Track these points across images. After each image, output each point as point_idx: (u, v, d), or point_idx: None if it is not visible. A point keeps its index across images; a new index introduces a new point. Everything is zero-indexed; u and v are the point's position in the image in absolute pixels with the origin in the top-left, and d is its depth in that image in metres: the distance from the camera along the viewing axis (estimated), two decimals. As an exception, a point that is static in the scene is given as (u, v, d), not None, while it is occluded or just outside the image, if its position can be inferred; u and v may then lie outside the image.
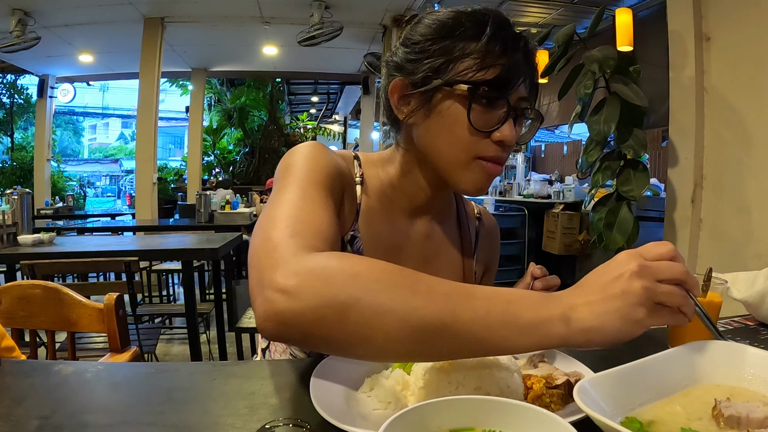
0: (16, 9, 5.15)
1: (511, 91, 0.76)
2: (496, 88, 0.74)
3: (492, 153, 0.77)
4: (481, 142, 0.76)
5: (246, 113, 11.11)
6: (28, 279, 2.11)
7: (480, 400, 0.47)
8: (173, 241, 3.25)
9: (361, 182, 0.85)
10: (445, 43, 0.75)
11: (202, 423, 0.55)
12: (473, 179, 0.78)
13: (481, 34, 0.74)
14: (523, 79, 0.76)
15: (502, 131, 0.75)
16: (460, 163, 0.78)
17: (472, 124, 0.74)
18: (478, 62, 0.74)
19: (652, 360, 0.58)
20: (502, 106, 0.75)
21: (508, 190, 6.63)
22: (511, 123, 0.76)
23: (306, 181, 0.70)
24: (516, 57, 0.75)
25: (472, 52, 0.74)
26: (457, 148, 0.77)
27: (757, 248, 2.57)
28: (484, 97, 0.74)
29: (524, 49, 0.77)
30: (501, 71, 0.74)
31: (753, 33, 2.59)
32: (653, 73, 3.89)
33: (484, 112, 0.75)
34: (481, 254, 0.98)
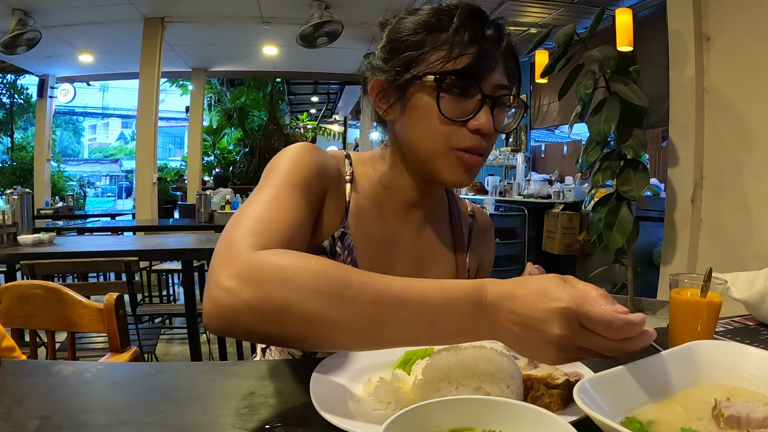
0: (16, 9, 5.15)
1: (484, 79, 0.76)
2: (467, 77, 0.75)
3: (468, 143, 0.77)
4: (457, 132, 0.77)
5: (246, 113, 11.11)
6: (28, 279, 2.11)
7: (480, 400, 0.47)
8: (173, 241, 3.25)
9: (350, 180, 0.87)
10: (417, 38, 0.77)
11: (202, 423, 0.55)
12: (452, 171, 0.79)
13: (450, 26, 0.76)
14: (495, 65, 0.76)
15: (478, 119, 0.76)
16: (438, 154, 0.79)
17: (443, 113, 0.75)
18: (447, 53, 0.75)
19: (652, 360, 0.58)
20: (475, 95, 0.76)
21: (508, 190, 6.62)
22: (488, 111, 0.76)
23: (282, 183, 0.72)
24: (487, 45, 0.75)
25: (441, 44, 0.76)
26: (433, 139, 0.78)
27: (757, 248, 2.57)
28: (454, 86, 0.75)
29: (497, 37, 0.77)
30: (471, 60, 0.75)
31: (753, 33, 2.59)
32: (653, 73, 3.89)
33: (457, 102, 0.76)
34: (474, 252, 0.98)
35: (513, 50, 0.81)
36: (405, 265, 0.89)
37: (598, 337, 0.50)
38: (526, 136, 7.51)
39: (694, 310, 0.77)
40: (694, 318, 0.77)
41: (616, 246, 2.81)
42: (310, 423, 0.54)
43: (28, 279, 2.11)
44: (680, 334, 0.78)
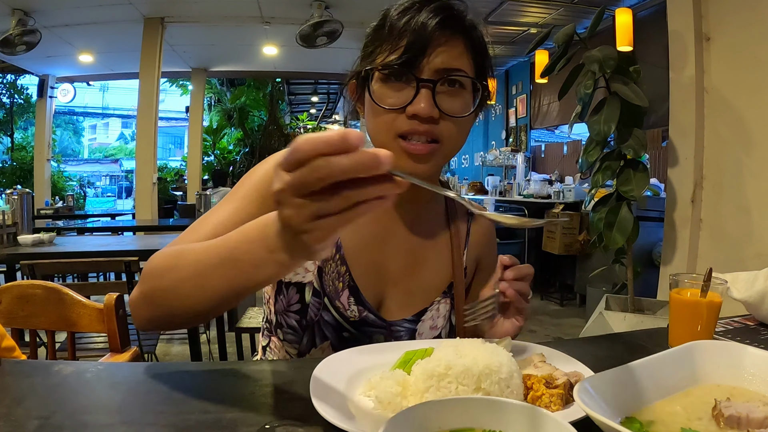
0: (16, 9, 5.15)
1: (417, 65, 0.77)
2: (398, 66, 0.77)
3: (406, 128, 0.77)
4: (397, 119, 0.78)
5: (246, 113, 11.11)
6: (28, 279, 2.11)
7: (480, 400, 0.47)
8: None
9: None
10: (370, 38, 0.82)
11: (202, 423, 0.55)
12: (398, 160, 0.79)
13: (393, 19, 0.79)
14: (434, 50, 0.76)
15: (414, 104, 0.76)
16: (385, 143, 0.80)
17: (378, 103, 0.78)
18: (384, 47, 0.79)
19: (652, 360, 0.58)
20: (411, 81, 0.77)
21: (508, 190, 6.63)
22: (426, 95, 0.76)
23: (244, 190, 0.79)
24: (419, 31, 0.76)
25: (381, 41, 0.80)
26: (378, 130, 0.80)
27: (757, 248, 2.57)
28: (390, 75, 0.78)
29: (434, 18, 0.77)
30: (404, 48, 0.77)
31: (753, 33, 2.59)
32: (653, 73, 3.88)
33: (396, 90, 0.78)
34: (472, 250, 0.98)
35: (468, 30, 0.81)
36: (398, 261, 0.89)
37: (321, 161, 0.42)
38: (526, 136, 7.51)
39: (694, 310, 0.77)
40: (694, 318, 0.77)
41: (616, 246, 2.81)
42: (310, 423, 0.54)
43: (28, 279, 2.11)
44: (680, 334, 0.78)
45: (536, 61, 6.19)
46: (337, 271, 0.85)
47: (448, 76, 0.78)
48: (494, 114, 8.44)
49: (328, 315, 0.85)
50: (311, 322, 0.85)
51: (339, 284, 0.85)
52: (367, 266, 0.87)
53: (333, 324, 0.85)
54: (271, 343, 0.90)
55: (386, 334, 0.86)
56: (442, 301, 0.91)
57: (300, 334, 0.85)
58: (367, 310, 0.85)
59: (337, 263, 0.85)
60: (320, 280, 0.85)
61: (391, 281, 0.88)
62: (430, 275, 0.91)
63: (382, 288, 0.88)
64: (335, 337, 0.85)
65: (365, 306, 0.85)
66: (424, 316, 0.89)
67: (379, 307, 0.88)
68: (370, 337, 0.86)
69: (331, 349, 0.85)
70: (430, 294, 0.90)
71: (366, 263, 0.87)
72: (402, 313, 0.88)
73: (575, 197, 5.01)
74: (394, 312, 0.88)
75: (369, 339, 0.86)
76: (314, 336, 0.85)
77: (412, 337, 0.88)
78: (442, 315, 0.91)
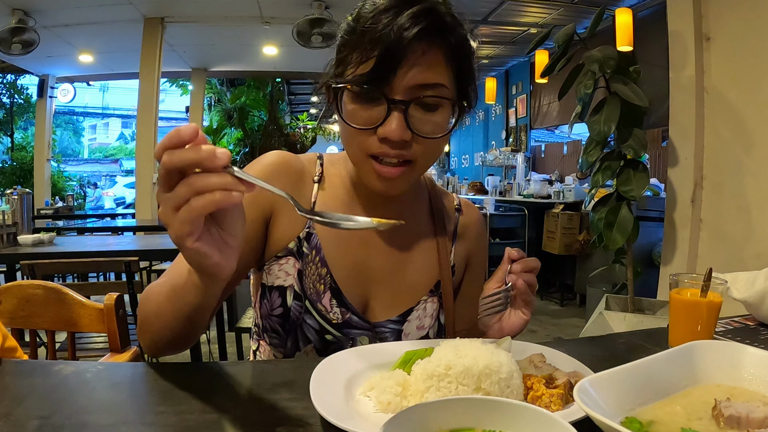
0: (16, 9, 5.15)
1: (388, 82, 0.70)
2: (368, 83, 0.70)
3: (376, 150, 0.74)
4: (368, 140, 0.74)
5: (246, 113, 11.10)
6: (28, 279, 2.11)
7: (480, 400, 0.47)
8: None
9: (318, 180, 0.87)
10: (340, 43, 0.76)
11: (202, 423, 0.55)
12: (370, 179, 0.78)
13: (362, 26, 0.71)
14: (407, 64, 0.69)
15: (385, 126, 0.71)
16: (357, 161, 0.78)
17: (348, 122, 0.73)
18: (355, 58, 0.71)
19: (652, 360, 0.58)
20: (382, 101, 0.71)
21: (508, 190, 6.63)
22: (398, 117, 0.70)
23: None
24: (393, 44, 0.68)
25: (351, 48, 0.72)
26: (350, 145, 0.77)
27: (757, 248, 2.57)
28: (360, 94, 0.72)
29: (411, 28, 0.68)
30: (375, 63, 0.69)
31: (753, 33, 2.59)
32: (653, 73, 3.88)
33: (366, 109, 0.72)
34: (460, 247, 0.95)
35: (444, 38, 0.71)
36: (382, 260, 0.87)
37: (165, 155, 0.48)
38: (526, 136, 7.51)
39: (694, 310, 0.77)
40: (694, 318, 0.77)
41: (616, 246, 2.81)
42: (310, 423, 0.54)
43: (28, 279, 2.11)
44: (680, 334, 0.78)
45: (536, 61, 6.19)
46: (318, 274, 0.84)
47: (423, 97, 0.71)
48: (494, 114, 8.44)
49: (311, 318, 0.83)
50: (294, 326, 0.83)
51: (320, 286, 0.83)
52: (349, 267, 0.85)
53: (315, 327, 0.83)
54: (261, 347, 0.90)
55: (371, 335, 0.85)
56: (429, 300, 0.89)
57: (284, 337, 0.85)
58: (351, 312, 0.84)
59: (318, 265, 0.84)
60: (301, 283, 0.83)
61: (376, 281, 0.87)
62: (415, 274, 0.89)
63: (367, 289, 0.86)
64: (318, 340, 0.84)
65: (348, 308, 0.84)
66: (410, 316, 0.87)
67: (365, 308, 0.86)
68: (354, 339, 0.84)
69: (315, 352, 0.84)
70: (417, 293, 0.89)
71: (348, 264, 0.85)
72: (387, 313, 0.86)
73: (575, 197, 5.01)
74: (379, 312, 0.86)
75: (353, 341, 0.84)
76: (298, 339, 0.84)
77: (398, 338, 0.86)
78: (430, 314, 0.89)
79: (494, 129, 8.47)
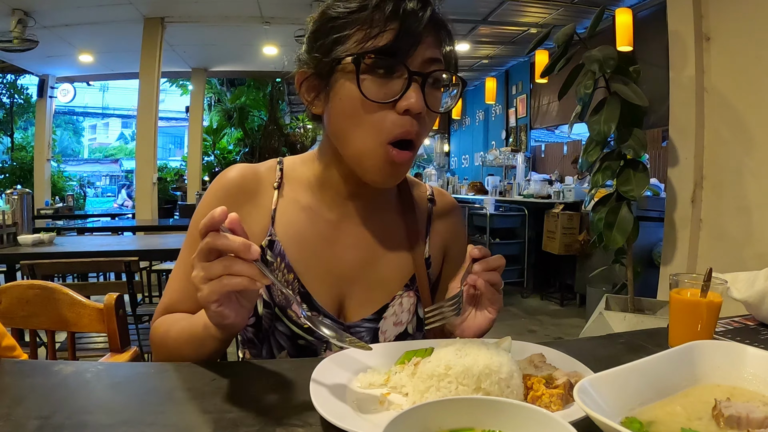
0: (16, 9, 5.15)
1: (409, 55, 0.71)
2: (390, 54, 0.70)
3: (399, 128, 0.72)
4: (386, 119, 0.72)
5: (246, 113, 11.11)
6: (28, 279, 2.11)
7: (480, 400, 0.47)
8: (173, 241, 3.25)
9: (278, 186, 0.87)
10: (339, 22, 0.73)
11: (202, 423, 0.55)
12: (378, 171, 0.76)
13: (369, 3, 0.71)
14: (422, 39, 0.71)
15: (407, 98, 0.70)
16: (367, 151, 0.75)
17: (366, 96, 0.71)
18: (367, 31, 0.70)
19: (652, 360, 0.58)
20: (401, 73, 0.71)
21: (508, 190, 6.63)
22: (417, 89, 0.71)
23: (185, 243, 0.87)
24: (411, 19, 0.70)
25: (362, 23, 0.71)
26: (361, 131, 0.74)
27: (757, 248, 2.57)
28: (377, 66, 0.71)
29: (422, 8, 0.72)
30: (393, 35, 0.70)
31: (753, 33, 2.58)
32: (653, 73, 3.88)
33: (383, 83, 0.71)
34: (435, 237, 0.93)
35: (443, 24, 0.76)
36: (353, 258, 0.86)
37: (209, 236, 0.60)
38: (526, 136, 7.51)
39: (694, 310, 0.77)
40: (694, 318, 0.77)
41: (616, 246, 2.81)
42: (310, 423, 0.54)
43: (28, 279, 2.11)
44: (680, 334, 0.78)
45: (536, 61, 6.20)
46: (285, 280, 0.83)
47: (435, 71, 0.73)
48: (494, 114, 8.44)
49: (282, 325, 0.83)
50: (267, 334, 0.83)
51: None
52: (318, 270, 0.84)
53: (287, 333, 0.83)
54: (244, 357, 0.89)
55: None
56: (405, 294, 0.87)
57: (259, 346, 0.84)
58: (322, 315, 0.83)
59: (284, 272, 0.83)
60: (269, 291, 0.83)
61: (347, 280, 0.85)
62: (388, 269, 0.87)
63: (339, 289, 0.85)
64: (291, 346, 0.83)
65: (319, 311, 0.83)
66: (385, 312, 0.86)
67: (339, 309, 0.85)
68: (328, 342, 0.83)
69: (289, 358, 0.83)
70: (391, 289, 0.86)
71: (316, 267, 0.84)
72: (362, 312, 0.85)
73: (575, 197, 5.01)
74: (355, 312, 0.85)
75: (327, 344, 0.83)
76: (272, 347, 0.84)
77: (375, 336, 0.85)
78: (406, 309, 0.87)
79: (494, 129, 8.47)
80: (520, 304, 5.14)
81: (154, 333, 0.83)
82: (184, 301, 0.83)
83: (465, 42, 6.42)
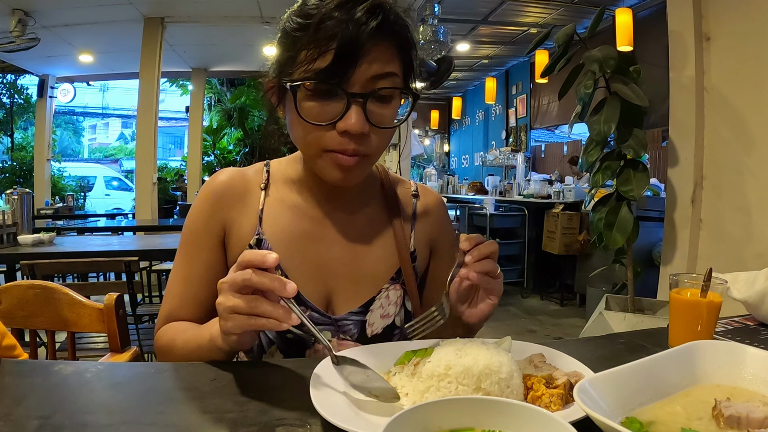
0: (16, 9, 5.15)
1: (348, 77, 0.71)
2: (328, 77, 0.71)
3: (336, 145, 0.75)
4: (325, 135, 0.74)
5: (246, 113, 11.10)
6: (28, 279, 2.11)
7: (480, 400, 0.47)
8: (173, 241, 3.25)
9: (265, 187, 0.89)
10: (287, 39, 0.76)
11: (202, 423, 0.55)
12: (328, 171, 0.78)
13: (314, 21, 0.71)
14: (365, 56, 0.70)
15: (345, 120, 0.72)
16: (313, 156, 0.78)
17: (306, 119, 0.73)
18: (309, 53, 0.71)
19: (652, 360, 0.58)
20: (340, 95, 0.72)
21: (508, 190, 6.63)
22: (357, 110, 0.72)
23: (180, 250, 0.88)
24: (351, 36, 0.69)
25: (305, 44, 0.72)
26: (305, 143, 0.78)
27: (757, 248, 2.57)
28: (316, 90, 0.72)
29: (369, 21, 0.70)
30: (332, 58, 0.70)
31: (753, 33, 2.58)
32: (653, 73, 3.88)
33: (324, 104, 0.73)
34: (420, 232, 0.95)
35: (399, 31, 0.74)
36: (338, 254, 0.88)
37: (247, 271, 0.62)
38: (526, 136, 7.51)
39: (694, 310, 0.77)
40: (694, 318, 0.77)
41: (616, 246, 2.81)
42: (310, 423, 0.54)
43: (28, 279, 2.11)
44: (680, 334, 0.78)
45: (536, 61, 6.20)
46: None
47: (379, 90, 0.73)
48: (494, 114, 8.44)
49: None
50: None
51: None
52: (305, 267, 0.86)
53: None
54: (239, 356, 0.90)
55: (333, 329, 0.85)
56: (392, 288, 0.89)
57: None
58: (310, 309, 0.84)
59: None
60: None
61: (335, 275, 0.87)
62: (374, 263, 0.89)
63: (326, 284, 0.87)
64: (280, 340, 0.84)
65: (307, 305, 0.84)
66: (372, 305, 0.87)
67: (327, 303, 0.87)
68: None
69: (279, 352, 0.85)
70: (377, 282, 0.88)
71: (303, 264, 0.86)
72: (349, 305, 0.87)
73: (575, 197, 5.01)
74: (342, 305, 0.87)
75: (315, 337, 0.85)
76: (261, 342, 0.85)
77: (362, 329, 0.86)
78: (393, 302, 0.89)
79: (494, 129, 8.47)
80: (520, 304, 5.14)
81: (158, 342, 0.85)
82: (185, 306, 0.86)
83: (465, 42, 6.42)
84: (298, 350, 0.85)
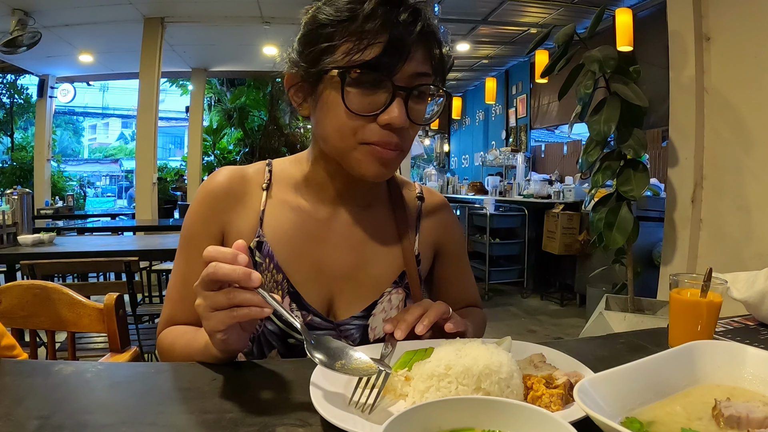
0: (16, 9, 5.15)
1: (396, 70, 0.72)
2: (376, 68, 0.71)
3: (377, 138, 0.74)
4: (366, 127, 0.74)
5: (246, 113, 11.09)
6: (28, 279, 2.11)
7: (480, 400, 0.47)
8: (173, 241, 3.25)
9: (267, 187, 0.88)
10: (328, 30, 0.73)
11: (202, 423, 0.55)
12: (366, 164, 0.77)
13: (360, 14, 0.71)
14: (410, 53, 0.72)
15: (389, 113, 0.72)
16: (346, 149, 0.77)
17: (350, 109, 0.73)
18: (355, 44, 0.71)
19: (652, 360, 0.58)
20: (386, 87, 0.73)
21: (508, 190, 6.63)
22: (400, 104, 0.73)
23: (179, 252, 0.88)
24: (399, 31, 0.71)
25: (351, 34, 0.71)
26: (342, 134, 0.76)
27: (757, 248, 2.57)
28: (362, 79, 0.72)
29: (412, 22, 0.72)
30: (380, 49, 0.70)
31: (753, 33, 2.58)
32: (653, 73, 3.89)
33: (367, 95, 0.73)
34: (425, 234, 0.94)
35: (434, 35, 0.76)
36: (342, 257, 0.87)
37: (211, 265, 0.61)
38: (526, 136, 7.51)
39: (694, 310, 0.77)
40: (694, 318, 0.77)
41: (616, 246, 2.81)
42: (310, 423, 0.54)
43: (28, 279, 2.11)
44: (680, 334, 0.78)
45: (536, 61, 6.19)
46: (274, 281, 0.83)
47: (420, 85, 0.75)
48: (494, 114, 8.44)
49: (272, 324, 0.83)
50: (257, 334, 0.84)
51: (278, 293, 0.83)
52: (307, 270, 0.85)
53: (277, 333, 0.83)
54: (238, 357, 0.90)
55: (335, 334, 0.84)
56: (394, 291, 0.88)
57: (249, 346, 0.85)
58: (312, 314, 0.83)
59: (273, 272, 0.83)
60: None
61: (337, 279, 0.86)
62: (378, 267, 0.88)
63: (329, 287, 0.85)
64: (281, 345, 0.84)
65: (309, 310, 0.83)
66: (374, 309, 0.86)
67: (329, 307, 0.85)
68: None
69: (279, 357, 0.84)
70: (380, 286, 0.87)
71: (305, 266, 0.85)
72: (351, 309, 0.86)
73: (575, 197, 5.01)
74: (345, 310, 0.86)
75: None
76: (262, 346, 0.84)
77: (364, 334, 0.86)
78: (395, 306, 0.88)
79: (494, 129, 8.47)
80: (520, 304, 5.14)
81: (160, 345, 0.87)
82: (184, 310, 0.85)
83: (465, 42, 6.41)
84: (299, 356, 0.84)
